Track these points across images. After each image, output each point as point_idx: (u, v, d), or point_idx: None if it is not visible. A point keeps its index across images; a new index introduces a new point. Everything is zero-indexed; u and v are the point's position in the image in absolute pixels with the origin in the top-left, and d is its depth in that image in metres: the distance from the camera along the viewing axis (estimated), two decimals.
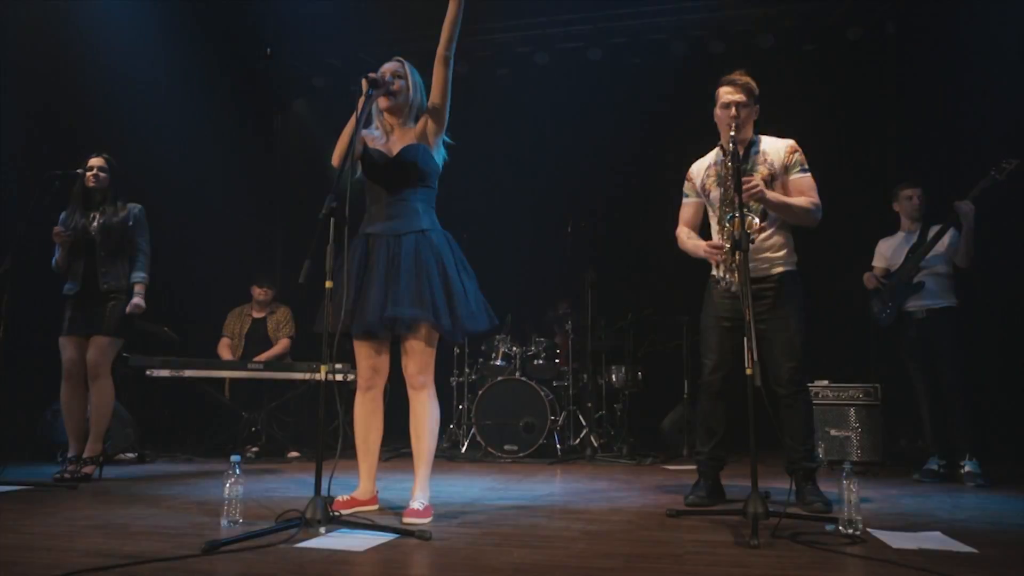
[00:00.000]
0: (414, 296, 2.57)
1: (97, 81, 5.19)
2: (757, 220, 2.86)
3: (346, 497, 2.70)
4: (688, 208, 3.17)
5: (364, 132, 2.76)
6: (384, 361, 2.78)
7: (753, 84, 2.99)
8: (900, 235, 4.20)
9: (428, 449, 2.67)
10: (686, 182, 3.18)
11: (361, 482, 2.78)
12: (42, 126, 4.93)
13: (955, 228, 3.92)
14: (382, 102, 2.74)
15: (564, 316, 5.65)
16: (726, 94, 2.96)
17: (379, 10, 6.02)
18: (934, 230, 3.96)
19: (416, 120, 2.78)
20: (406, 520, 2.47)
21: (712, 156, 3.10)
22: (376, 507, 2.79)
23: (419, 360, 2.64)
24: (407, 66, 2.79)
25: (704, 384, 3.04)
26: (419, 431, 2.66)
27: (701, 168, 3.13)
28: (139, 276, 3.81)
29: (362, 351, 2.74)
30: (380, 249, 2.65)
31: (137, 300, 3.75)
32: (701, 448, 3.07)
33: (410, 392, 2.69)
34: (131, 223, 3.83)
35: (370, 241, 2.69)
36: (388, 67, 2.76)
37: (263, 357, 5.08)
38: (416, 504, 2.55)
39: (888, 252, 4.21)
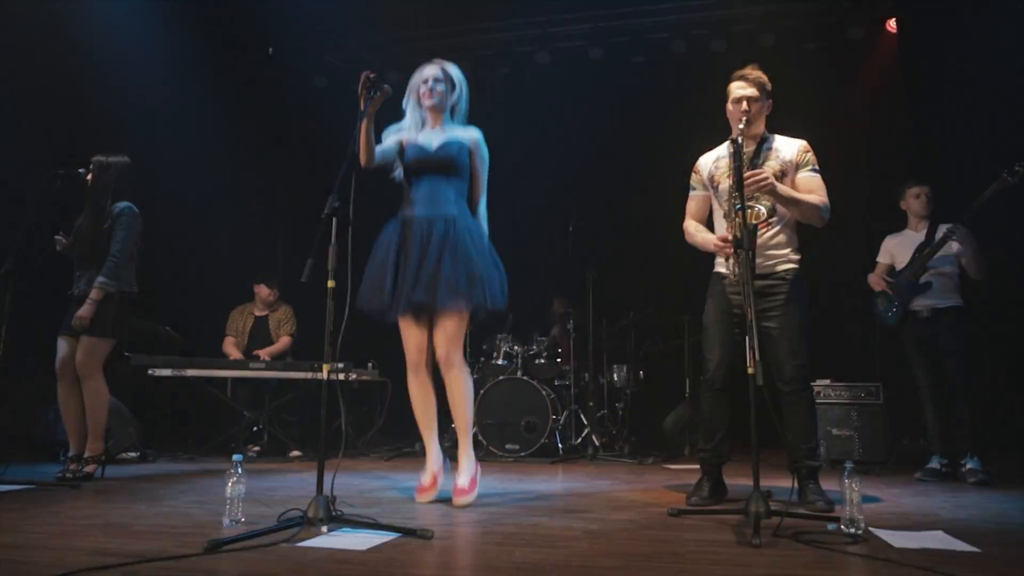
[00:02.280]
0: (446, 279, 2.76)
1: (98, 81, 5.20)
2: (764, 210, 2.86)
3: (427, 481, 2.89)
4: (695, 201, 3.17)
5: (397, 135, 3.00)
6: (426, 339, 2.92)
7: (765, 79, 2.99)
8: (907, 233, 4.19)
9: (467, 418, 2.92)
10: (693, 174, 3.17)
11: (429, 455, 2.96)
12: (43, 125, 4.93)
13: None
14: (426, 100, 2.99)
15: (562, 315, 5.65)
16: (737, 89, 2.97)
17: (380, 10, 6.02)
18: (942, 230, 3.94)
19: (458, 119, 3.06)
20: (457, 500, 2.74)
21: (722, 149, 3.09)
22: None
23: (450, 339, 2.84)
24: (446, 68, 3.04)
25: (707, 381, 3.04)
26: (457, 403, 2.89)
27: (709, 160, 3.13)
28: (99, 280, 3.62)
29: (407, 330, 2.91)
30: (414, 233, 2.85)
31: (83, 309, 3.56)
32: (704, 445, 3.07)
33: (443, 370, 2.88)
34: (106, 224, 3.70)
35: (406, 225, 2.90)
36: (429, 72, 3.01)
37: (264, 352, 5.11)
38: (463, 480, 2.81)
39: (894, 249, 4.20)
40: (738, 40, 6.16)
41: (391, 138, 3.00)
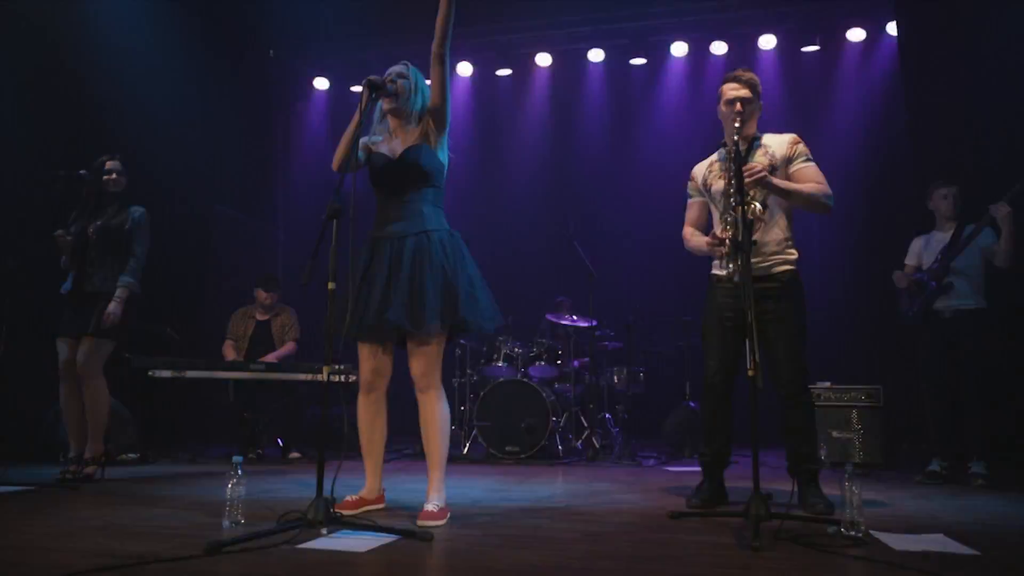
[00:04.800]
0: (415, 299, 2.57)
1: (99, 82, 5.20)
2: (759, 206, 2.85)
3: (354, 497, 2.73)
4: (693, 208, 3.19)
5: (365, 140, 2.80)
6: (386, 362, 2.78)
7: (756, 80, 3.00)
8: (934, 234, 4.15)
9: (440, 450, 2.67)
10: (689, 182, 3.20)
11: (368, 481, 2.81)
12: (45, 126, 4.94)
13: (991, 228, 3.86)
14: (385, 103, 2.76)
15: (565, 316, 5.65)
16: (730, 90, 2.97)
17: (380, 11, 6.04)
18: (968, 231, 3.92)
19: (419, 122, 2.79)
20: (421, 522, 2.46)
21: (715, 155, 3.12)
22: (382, 506, 2.81)
23: (424, 362, 2.64)
24: (411, 69, 2.82)
25: (707, 385, 3.04)
26: (429, 433, 2.67)
27: (703, 166, 3.15)
28: (124, 280, 3.72)
29: (364, 352, 2.76)
30: (383, 252, 2.67)
31: (112, 306, 3.65)
32: (705, 449, 3.07)
33: (417, 394, 2.69)
34: (128, 226, 3.79)
35: (375, 244, 2.71)
36: (394, 69, 2.79)
37: (270, 358, 5.10)
38: (431, 506, 2.54)
39: (921, 250, 4.17)
40: (738, 42, 6.17)
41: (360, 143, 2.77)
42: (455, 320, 2.61)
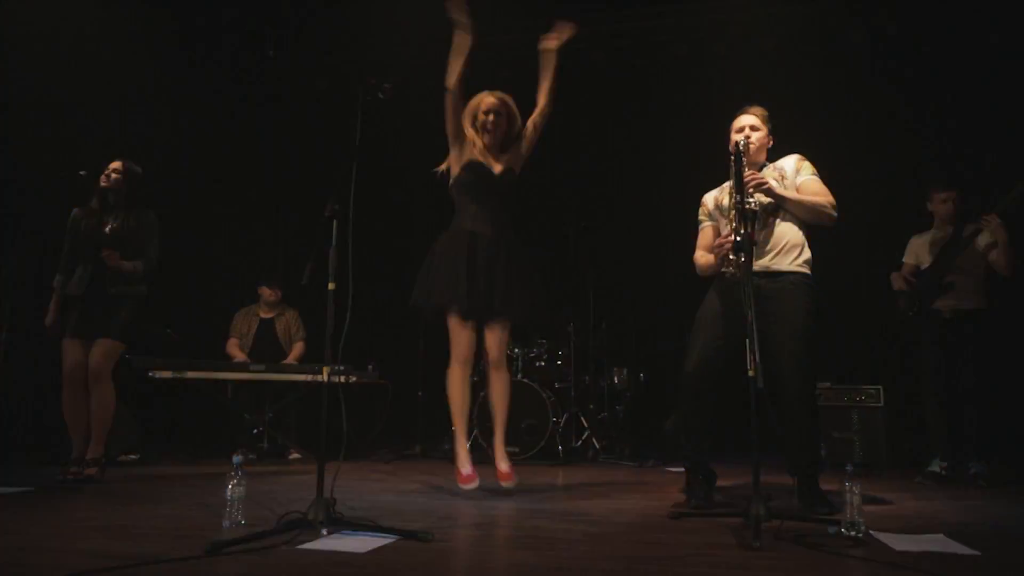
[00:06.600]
0: (520, 296, 3.23)
1: (98, 82, 5.20)
2: (753, 202, 2.86)
3: (473, 469, 3.17)
4: (704, 233, 3.22)
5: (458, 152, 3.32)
6: (475, 339, 3.27)
7: (766, 113, 3.08)
8: (932, 233, 4.15)
9: (506, 412, 3.36)
10: (700, 208, 3.24)
11: (466, 446, 3.29)
12: (45, 127, 4.94)
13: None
14: (486, 136, 3.33)
15: (565, 318, 5.64)
16: (740, 120, 3.07)
17: (381, 12, 6.03)
18: (970, 229, 3.91)
19: (504, 150, 3.39)
20: (507, 484, 3.18)
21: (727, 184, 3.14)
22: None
23: (503, 343, 3.32)
24: (507, 101, 3.43)
25: (685, 378, 3.00)
26: (503, 397, 3.35)
27: (714, 191, 3.21)
28: (136, 264, 3.74)
29: (465, 330, 3.24)
30: (482, 248, 3.21)
31: (126, 264, 3.67)
32: (686, 443, 3.04)
33: (494, 371, 3.32)
34: (142, 233, 3.79)
35: (475, 238, 3.24)
36: (492, 104, 3.37)
37: (290, 360, 5.22)
38: (507, 465, 3.23)
39: (919, 249, 4.16)
40: (738, 43, 6.17)
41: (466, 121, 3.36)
42: (534, 314, 3.37)
